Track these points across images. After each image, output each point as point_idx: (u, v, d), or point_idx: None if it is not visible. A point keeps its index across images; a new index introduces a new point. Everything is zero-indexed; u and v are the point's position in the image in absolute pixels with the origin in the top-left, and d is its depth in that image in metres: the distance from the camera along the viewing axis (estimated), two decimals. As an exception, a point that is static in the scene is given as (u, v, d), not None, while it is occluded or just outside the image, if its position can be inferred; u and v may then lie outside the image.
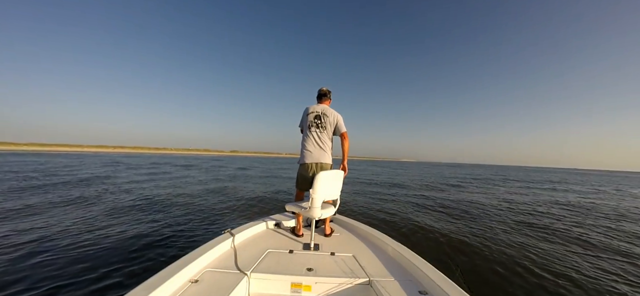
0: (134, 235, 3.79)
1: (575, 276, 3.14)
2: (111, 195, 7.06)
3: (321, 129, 2.53)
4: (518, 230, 5.04)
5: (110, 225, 4.30)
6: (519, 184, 16.30)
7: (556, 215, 6.63)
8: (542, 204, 8.31)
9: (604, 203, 9.23)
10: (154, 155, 76.85)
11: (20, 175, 11.24)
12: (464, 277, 2.89)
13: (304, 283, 1.69)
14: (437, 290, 1.50)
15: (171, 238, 3.79)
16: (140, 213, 5.20)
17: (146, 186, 9.08)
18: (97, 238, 3.66)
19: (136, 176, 12.58)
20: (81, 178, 10.94)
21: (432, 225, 5.00)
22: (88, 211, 5.20)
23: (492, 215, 6.31)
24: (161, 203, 6.11)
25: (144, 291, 1.30)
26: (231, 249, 2.05)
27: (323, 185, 2.13)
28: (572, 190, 13.49)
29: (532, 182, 18.40)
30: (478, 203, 7.85)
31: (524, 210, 7.11)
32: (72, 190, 7.82)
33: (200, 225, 4.51)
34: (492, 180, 19.48)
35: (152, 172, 15.18)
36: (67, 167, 17.26)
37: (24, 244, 3.35)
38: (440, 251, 3.77)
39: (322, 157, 2.49)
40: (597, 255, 3.87)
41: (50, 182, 9.39)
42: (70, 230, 3.94)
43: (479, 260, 3.49)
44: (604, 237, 4.81)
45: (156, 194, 7.36)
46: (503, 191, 11.90)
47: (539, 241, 4.34)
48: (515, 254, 3.71)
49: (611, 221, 6.24)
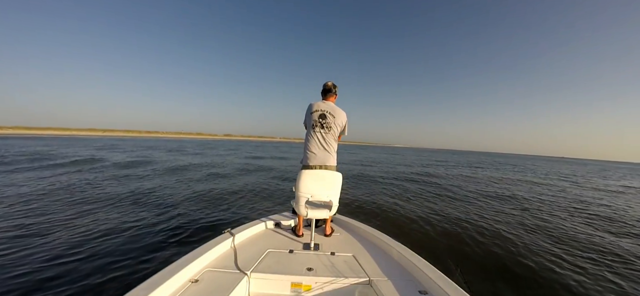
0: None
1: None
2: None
3: (326, 130, 2.34)
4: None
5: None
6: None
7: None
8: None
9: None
10: (149, 139, 74.81)
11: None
12: (464, 277, 2.89)
13: (304, 283, 1.69)
14: (437, 290, 1.50)
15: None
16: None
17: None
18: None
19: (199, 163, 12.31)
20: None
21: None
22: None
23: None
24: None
25: (144, 291, 1.30)
26: (231, 249, 2.06)
27: (306, 184, 2.11)
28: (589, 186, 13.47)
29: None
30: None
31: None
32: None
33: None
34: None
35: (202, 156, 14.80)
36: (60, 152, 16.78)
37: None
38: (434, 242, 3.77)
39: (326, 159, 2.34)
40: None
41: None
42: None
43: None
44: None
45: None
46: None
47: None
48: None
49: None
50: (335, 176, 2.21)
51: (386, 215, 5.64)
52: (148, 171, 10.59)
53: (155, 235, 3.85)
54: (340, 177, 2.24)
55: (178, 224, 4.33)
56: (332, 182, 2.19)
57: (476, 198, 7.97)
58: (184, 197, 6.41)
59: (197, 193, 6.82)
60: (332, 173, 2.22)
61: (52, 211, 4.82)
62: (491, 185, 11.26)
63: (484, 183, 11.71)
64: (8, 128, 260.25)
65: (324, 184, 2.17)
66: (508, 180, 14.00)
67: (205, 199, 6.27)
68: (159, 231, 4.00)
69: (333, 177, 2.20)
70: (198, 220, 4.61)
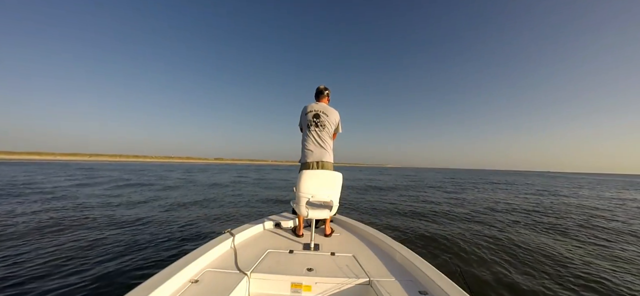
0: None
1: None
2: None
3: (320, 128, 2.50)
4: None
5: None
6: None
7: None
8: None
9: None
10: (132, 163, 73.36)
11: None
12: (464, 277, 2.88)
13: (304, 283, 1.69)
14: (437, 290, 1.50)
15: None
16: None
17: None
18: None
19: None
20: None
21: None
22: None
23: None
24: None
25: (144, 291, 1.30)
26: (231, 249, 2.05)
27: (307, 184, 2.11)
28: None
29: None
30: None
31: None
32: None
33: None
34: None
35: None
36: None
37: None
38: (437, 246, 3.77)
39: (323, 155, 2.48)
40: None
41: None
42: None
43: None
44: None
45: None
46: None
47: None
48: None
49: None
50: (335, 176, 2.22)
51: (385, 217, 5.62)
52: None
53: (155, 236, 3.84)
54: (340, 177, 2.24)
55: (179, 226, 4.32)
56: (333, 182, 2.19)
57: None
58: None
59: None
60: (333, 173, 2.22)
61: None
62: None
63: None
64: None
65: (324, 184, 2.17)
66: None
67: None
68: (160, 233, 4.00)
69: (333, 177, 2.20)
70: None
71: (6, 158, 70.59)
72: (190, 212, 5.94)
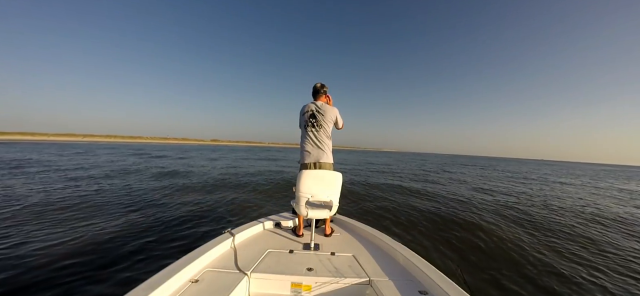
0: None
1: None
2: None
3: (317, 128, 2.46)
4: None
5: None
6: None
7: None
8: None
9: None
10: (133, 145, 72.03)
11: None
12: (464, 277, 2.88)
13: (304, 283, 1.69)
14: (437, 290, 1.50)
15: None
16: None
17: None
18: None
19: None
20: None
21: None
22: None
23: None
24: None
25: (144, 291, 1.30)
26: (231, 249, 2.05)
27: (307, 184, 2.11)
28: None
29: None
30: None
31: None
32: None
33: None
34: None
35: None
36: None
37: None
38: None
39: (320, 156, 2.44)
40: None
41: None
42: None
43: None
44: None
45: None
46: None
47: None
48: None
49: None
50: (335, 176, 2.21)
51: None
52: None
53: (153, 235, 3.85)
54: (340, 177, 2.23)
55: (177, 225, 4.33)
56: (333, 182, 2.19)
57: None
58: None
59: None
60: (332, 173, 2.21)
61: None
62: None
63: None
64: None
65: (324, 184, 2.17)
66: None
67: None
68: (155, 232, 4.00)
69: (333, 177, 2.19)
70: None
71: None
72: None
